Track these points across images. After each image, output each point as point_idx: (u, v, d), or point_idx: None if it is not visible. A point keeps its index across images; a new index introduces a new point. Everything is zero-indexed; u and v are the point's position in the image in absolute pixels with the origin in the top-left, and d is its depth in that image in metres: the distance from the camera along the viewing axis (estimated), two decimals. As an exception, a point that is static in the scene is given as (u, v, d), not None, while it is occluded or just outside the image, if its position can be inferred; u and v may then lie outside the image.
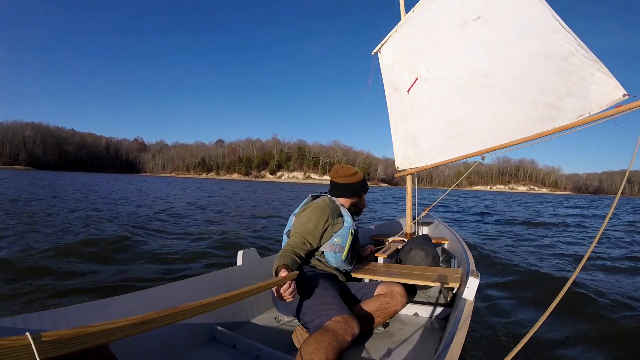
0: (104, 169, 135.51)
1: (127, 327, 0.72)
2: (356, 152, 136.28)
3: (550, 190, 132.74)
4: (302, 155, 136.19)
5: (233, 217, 8.89)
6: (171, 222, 7.33)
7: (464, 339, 1.15)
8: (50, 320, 1.14)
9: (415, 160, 3.28)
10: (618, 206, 24.75)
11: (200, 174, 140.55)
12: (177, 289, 1.61)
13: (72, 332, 0.64)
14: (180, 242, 5.18)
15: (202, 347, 1.59)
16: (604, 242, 6.65)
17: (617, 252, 5.68)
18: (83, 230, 5.38)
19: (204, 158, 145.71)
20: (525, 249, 5.54)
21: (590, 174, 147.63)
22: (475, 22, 2.65)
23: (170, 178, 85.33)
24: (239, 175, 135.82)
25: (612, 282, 3.71)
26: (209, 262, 4.00)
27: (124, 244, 4.64)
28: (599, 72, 2.06)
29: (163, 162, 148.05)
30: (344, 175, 1.93)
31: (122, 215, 7.67)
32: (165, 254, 4.27)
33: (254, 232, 6.39)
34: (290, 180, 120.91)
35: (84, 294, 2.81)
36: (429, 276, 1.95)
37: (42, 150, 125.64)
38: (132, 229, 5.84)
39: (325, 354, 1.20)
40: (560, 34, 2.20)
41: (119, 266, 3.70)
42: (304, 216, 1.75)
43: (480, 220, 11.04)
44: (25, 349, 0.56)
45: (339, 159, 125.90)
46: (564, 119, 2.23)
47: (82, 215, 7.11)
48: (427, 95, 3.09)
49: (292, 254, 1.59)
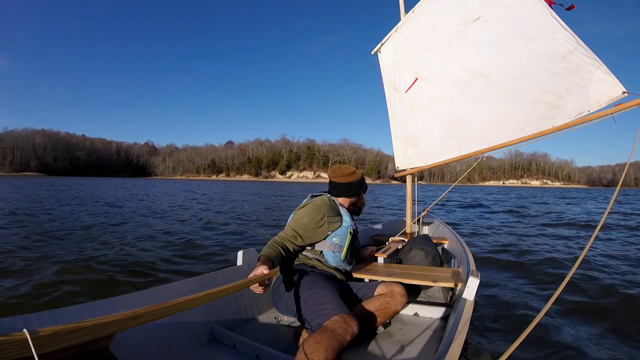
0: (115, 174, 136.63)
1: (121, 320, 0.74)
2: (366, 149, 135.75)
3: (563, 184, 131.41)
4: (312, 155, 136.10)
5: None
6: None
7: (464, 339, 1.16)
8: (50, 320, 1.15)
9: (415, 160, 3.28)
10: (629, 199, 24.58)
11: (210, 175, 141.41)
12: (177, 289, 1.62)
13: (67, 327, 0.65)
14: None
15: (202, 348, 1.59)
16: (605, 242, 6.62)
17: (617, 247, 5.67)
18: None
19: (213, 160, 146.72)
20: (525, 249, 5.52)
21: (603, 166, 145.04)
22: (475, 22, 2.66)
23: (181, 180, 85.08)
24: (248, 176, 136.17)
25: (613, 281, 3.69)
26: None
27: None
28: (598, 70, 2.06)
29: (173, 165, 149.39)
30: (342, 174, 1.94)
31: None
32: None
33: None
34: (300, 180, 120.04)
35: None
36: (429, 276, 1.95)
37: (53, 156, 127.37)
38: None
39: (324, 353, 1.20)
40: (560, 33, 2.20)
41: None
42: (300, 212, 1.78)
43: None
44: (22, 344, 0.57)
45: (348, 157, 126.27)
46: (564, 117, 2.23)
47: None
48: (427, 95, 3.09)
49: (279, 246, 1.61)
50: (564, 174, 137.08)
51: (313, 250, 1.79)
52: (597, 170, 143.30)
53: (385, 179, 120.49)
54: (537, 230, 8.26)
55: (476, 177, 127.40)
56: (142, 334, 1.36)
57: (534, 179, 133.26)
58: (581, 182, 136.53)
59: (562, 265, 4.32)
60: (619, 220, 10.22)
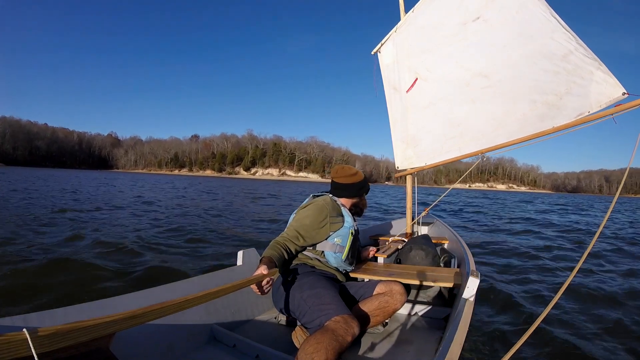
0: (76, 165, 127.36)
1: (120, 320, 0.74)
2: (334, 148, 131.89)
3: (529, 188, 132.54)
4: (278, 151, 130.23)
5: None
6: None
7: (464, 339, 1.15)
8: (50, 319, 1.15)
9: (415, 160, 3.28)
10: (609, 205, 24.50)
11: (172, 170, 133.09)
12: (177, 289, 1.62)
13: (67, 327, 0.65)
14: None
15: (202, 347, 1.59)
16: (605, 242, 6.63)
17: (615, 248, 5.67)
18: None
19: (176, 154, 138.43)
20: (526, 248, 5.53)
21: (568, 172, 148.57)
22: (475, 22, 2.66)
23: (140, 174, 76.39)
24: (212, 172, 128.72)
25: (615, 281, 3.70)
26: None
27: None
28: (599, 71, 2.06)
29: (135, 158, 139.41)
30: (344, 175, 1.94)
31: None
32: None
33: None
34: (264, 177, 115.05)
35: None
36: (429, 276, 1.95)
37: (13, 145, 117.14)
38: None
39: (325, 354, 1.20)
40: (559, 33, 2.20)
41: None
42: (302, 212, 1.78)
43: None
44: (22, 344, 0.57)
45: (315, 156, 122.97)
46: (564, 117, 2.23)
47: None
48: (427, 95, 3.09)
49: (281, 247, 1.62)
50: (530, 179, 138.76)
51: (314, 250, 1.78)
52: (562, 177, 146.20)
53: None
54: (537, 230, 8.28)
55: (443, 179, 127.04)
56: (142, 333, 1.36)
57: (500, 183, 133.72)
58: (546, 187, 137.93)
59: (563, 266, 4.33)
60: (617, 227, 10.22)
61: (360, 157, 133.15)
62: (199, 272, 3.40)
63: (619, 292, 3.30)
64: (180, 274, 3.32)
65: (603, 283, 3.58)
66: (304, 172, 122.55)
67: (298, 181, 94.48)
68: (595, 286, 3.40)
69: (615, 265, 4.61)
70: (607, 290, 3.29)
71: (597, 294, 3.17)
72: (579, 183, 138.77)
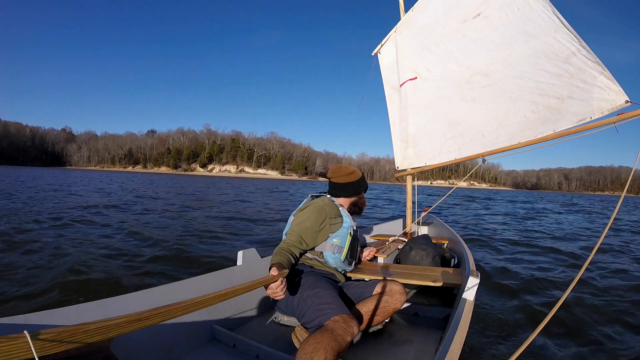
0: (28, 162, 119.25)
1: (123, 324, 0.73)
2: (294, 144, 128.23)
3: (490, 185, 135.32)
4: (236, 147, 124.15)
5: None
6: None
7: (464, 339, 1.15)
8: (50, 319, 1.15)
9: (415, 160, 3.27)
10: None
11: (126, 166, 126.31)
12: (177, 289, 1.62)
13: (69, 329, 0.65)
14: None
15: (202, 347, 1.59)
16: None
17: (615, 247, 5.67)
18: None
19: (131, 149, 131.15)
20: (526, 248, 5.53)
21: (528, 170, 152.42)
22: (475, 19, 2.62)
23: (91, 172, 71.46)
24: (167, 169, 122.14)
25: (618, 283, 3.70)
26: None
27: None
28: (602, 76, 2.01)
29: (89, 154, 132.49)
30: (341, 174, 1.94)
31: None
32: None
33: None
34: (222, 174, 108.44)
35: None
36: (429, 276, 1.95)
37: None
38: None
39: (324, 353, 1.20)
40: (562, 33, 2.16)
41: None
42: (302, 215, 1.76)
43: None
44: (23, 347, 0.57)
45: (275, 152, 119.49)
46: (565, 122, 2.18)
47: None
48: (427, 95, 3.08)
49: (287, 253, 1.62)
50: (491, 177, 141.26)
51: (313, 251, 1.78)
52: (522, 174, 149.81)
53: (312, 175, 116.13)
54: (538, 231, 8.28)
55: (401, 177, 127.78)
56: (142, 333, 1.36)
57: (461, 180, 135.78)
58: (507, 184, 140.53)
59: (564, 268, 4.33)
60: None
61: (322, 154, 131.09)
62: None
63: (629, 291, 3.28)
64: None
65: (611, 282, 3.57)
66: (263, 168, 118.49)
67: (257, 178, 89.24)
68: (603, 285, 3.39)
69: (626, 261, 4.60)
70: (615, 290, 3.29)
71: (606, 295, 3.17)
72: (538, 180, 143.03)
